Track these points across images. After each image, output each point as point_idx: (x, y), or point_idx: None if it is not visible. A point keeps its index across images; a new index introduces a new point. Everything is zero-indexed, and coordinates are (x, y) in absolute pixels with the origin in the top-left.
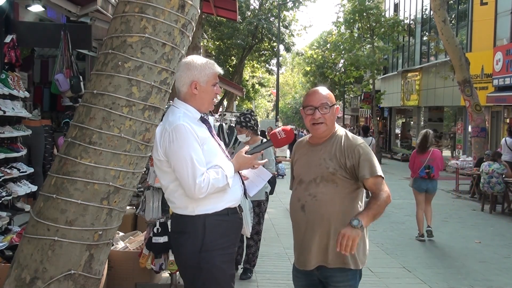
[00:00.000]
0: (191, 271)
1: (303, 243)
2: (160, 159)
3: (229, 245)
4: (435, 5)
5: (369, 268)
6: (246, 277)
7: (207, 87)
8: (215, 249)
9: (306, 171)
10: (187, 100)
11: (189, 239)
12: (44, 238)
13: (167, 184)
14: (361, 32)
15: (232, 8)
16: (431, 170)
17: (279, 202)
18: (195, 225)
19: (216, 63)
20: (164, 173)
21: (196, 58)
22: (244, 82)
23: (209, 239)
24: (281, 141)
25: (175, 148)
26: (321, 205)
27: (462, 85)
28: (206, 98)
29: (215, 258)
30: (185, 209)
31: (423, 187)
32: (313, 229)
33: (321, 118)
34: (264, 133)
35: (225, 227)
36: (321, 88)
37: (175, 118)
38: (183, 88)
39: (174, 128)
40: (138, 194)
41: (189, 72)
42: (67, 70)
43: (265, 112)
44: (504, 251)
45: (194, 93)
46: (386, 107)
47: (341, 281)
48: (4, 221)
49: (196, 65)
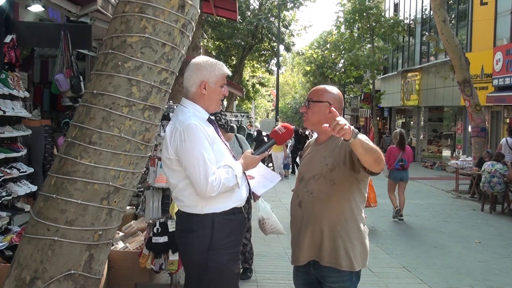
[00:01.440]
0: (197, 269)
1: (297, 239)
2: (170, 157)
3: (235, 244)
4: (435, 5)
5: (369, 268)
6: (246, 277)
7: (215, 87)
8: (222, 248)
9: (307, 168)
10: (196, 100)
11: (196, 238)
12: (44, 238)
13: (176, 182)
14: (361, 32)
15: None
16: (404, 163)
17: (279, 202)
18: (203, 224)
19: None
20: (173, 171)
21: (206, 59)
22: (244, 82)
23: (216, 238)
24: (282, 136)
25: (186, 147)
26: (316, 202)
27: (462, 85)
28: (215, 99)
29: (222, 257)
30: (194, 207)
31: (398, 177)
32: (307, 225)
33: (305, 113)
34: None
35: (232, 227)
36: (324, 85)
37: (186, 118)
38: (192, 88)
39: (185, 127)
40: (138, 194)
41: (199, 73)
42: (67, 70)
43: (265, 112)
44: (504, 251)
45: (203, 93)
46: (386, 107)
47: (336, 282)
48: (4, 221)
49: (206, 65)
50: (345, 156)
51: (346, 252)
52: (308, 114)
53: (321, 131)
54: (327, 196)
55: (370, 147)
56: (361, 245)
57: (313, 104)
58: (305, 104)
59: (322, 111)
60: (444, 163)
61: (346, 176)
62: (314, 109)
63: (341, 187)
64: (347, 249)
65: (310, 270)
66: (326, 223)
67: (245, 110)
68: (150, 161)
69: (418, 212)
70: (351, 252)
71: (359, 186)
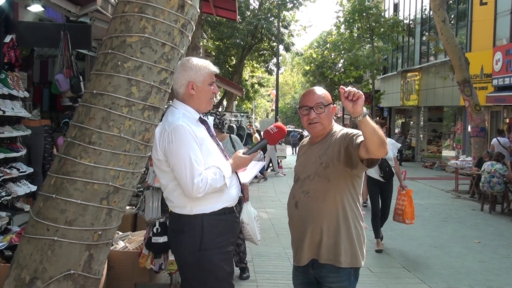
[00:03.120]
0: (190, 269)
1: (297, 240)
2: (160, 158)
3: (227, 244)
4: (435, 5)
5: (369, 268)
6: (245, 276)
7: (204, 86)
8: (213, 248)
9: (302, 169)
10: (186, 101)
11: (187, 238)
12: (43, 238)
13: (166, 183)
14: (361, 32)
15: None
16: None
17: (278, 202)
18: (193, 224)
19: (215, 63)
20: (163, 172)
21: (191, 59)
22: (243, 82)
23: (207, 238)
24: (275, 136)
25: (174, 148)
26: (313, 201)
27: (462, 85)
28: (204, 98)
29: (214, 257)
30: (183, 208)
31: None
32: (305, 225)
33: (316, 118)
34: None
35: (222, 227)
36: (316, 88)
37: (175, 119)
38: (181, 89)
39: (173, 129)
40: (138, 194)
41: (185, 73)
42: (67, 70)
43: (264, 112)
44: (504, 251)
45: (192, 94)
46: (385, 107)
47: (335, 281)
48: (3, 221)
49: (192, 65)
50: (339, 152)
51: (345, 248)
52: (321, 118)
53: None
54: (323, 194)
55: (377, 127)
56: (359, 241)
57: (326, 108)
58: (314, 110)
59: (331, 113)
60: (443, 163)
61: (341, 172)
62: (326, 112)
63: (337, 183)
64: (345, 245)
65: (309, 270)
66: (324, 221)
67: (245, 110)
68: (150, 161)
69: (418, 212)
70: (350, 249)
71: (354, 182)
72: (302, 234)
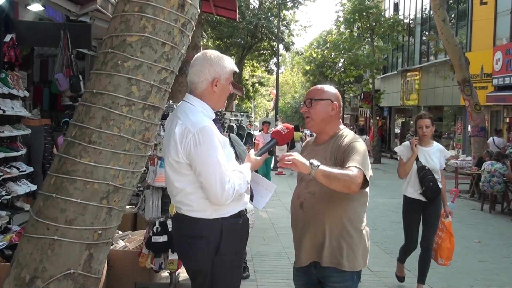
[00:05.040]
0: (203, 275)
1: (299, 240)
2: (180, 161)
3: (241, 249)
4: (435, 4)
5: (369, 267)
6: (245, 276)
7: (226, 84)
8: (229, 253)
9: None
10: (204, 98)
11: (206, 243)
12: (43, 237)
13: (183, 186)
14: (361, 31)
15: (232, 8)
16: None
17: (278, 202)
18: (212, 229)
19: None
20: (181, 175)
21: (216, 54)
22: (243, 82)
23: (225, 243)
24: (285, 136)
25: (201, 152)
26: (318, 203)
27: (462, 84)
28: (223, 97)
29: (228, 262)
30: (203, 212)
31: None
32: (309, 227)
33: (307, 113)
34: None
35: (238, 230)
36: (321, 84)
37: (199, 119)
38: (202, 84)
39: (200, 130)
40: (138, 193)
41: (211, 68)
42: (67, 69)
43: (264, 112)
44: (504, 250)
45: (214, 91)
46: (385, 107)
47: (338, 281)
48: (3, 220)
49: (218, 61)
50: (341, 162)
51: (348, 252)
52: (311, 113)
53: (309, 129)
54: (329, 197)
55: (334, 175)
56: (362, 245)
57: (315, 103)
58: (305, 103)
59: (324, 109)
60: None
61: None
62: (316, 107)
63: None
64: (348, 249)
65: (311, 270)
66: (328, 223)
67: (245, 109)
68: (150, 160)
69: None
70: (353, 253)
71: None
72: (304, 235)
